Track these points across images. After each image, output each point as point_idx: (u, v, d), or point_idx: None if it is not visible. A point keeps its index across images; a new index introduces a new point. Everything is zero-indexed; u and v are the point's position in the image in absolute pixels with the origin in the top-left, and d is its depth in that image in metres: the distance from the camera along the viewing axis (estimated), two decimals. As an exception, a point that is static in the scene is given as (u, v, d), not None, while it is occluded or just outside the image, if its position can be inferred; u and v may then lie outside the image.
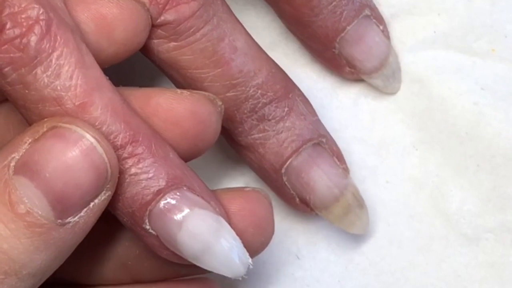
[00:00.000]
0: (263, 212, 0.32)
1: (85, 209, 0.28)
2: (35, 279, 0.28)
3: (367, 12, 0.35)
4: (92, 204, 0.28)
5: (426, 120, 0.37)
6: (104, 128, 0.29)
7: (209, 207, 0.30)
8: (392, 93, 0.37)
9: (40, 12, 0.28)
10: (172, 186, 0.30)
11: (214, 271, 0.30)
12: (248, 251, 0.30)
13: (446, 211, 0.36)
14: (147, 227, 0.30)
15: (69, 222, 0.28)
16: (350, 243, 0.36)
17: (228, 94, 0.33)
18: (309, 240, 0.37)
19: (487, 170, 0.36)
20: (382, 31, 0.36)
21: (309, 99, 0.35)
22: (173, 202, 0.30)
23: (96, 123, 0.29)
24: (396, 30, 0.37)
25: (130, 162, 0.29)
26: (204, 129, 0.32)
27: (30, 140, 0.28)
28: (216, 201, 0.31)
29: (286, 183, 0.34)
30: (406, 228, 0.36)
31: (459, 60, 0.37)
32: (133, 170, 0.29)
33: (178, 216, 0.30)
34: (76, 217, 0.28)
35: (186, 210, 0.30)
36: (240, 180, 0.37)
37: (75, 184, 0.28)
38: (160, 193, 0.30)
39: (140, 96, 0.31)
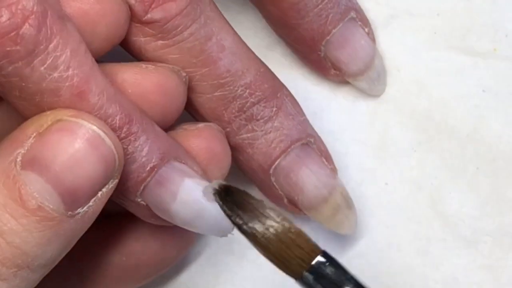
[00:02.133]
0: (220, 147, 0.33)
1: (93, 199, 0.29)
2: (45, 269, 0.29)
3: (352, 15, 0.35)
4: (100, 193, 0.29)
5: (425, 122, 0.36)
6: (102, 112, 0.29)
7: (197, 175, 0.31)
8: (377, 95, 0.37)
9: (34, 4, 0.28)
10: (164, 159, 0.30)
11: (204, 233, 0.31)
12: None
13: (445, 214, 0.36)
14: (138, 199, 0.30)
15: (79, 213, 0.28)
16: (348, 245, 0.36)
17: (216, 94, 0.33)
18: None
19: (486, 173, 0.36)
20: (368, 33, 0.36)
21: (307, 100, 0.35)
22: (165, 175, 0.30)
23: (95, 109, 0.29)
24: (396, 30, 0.37)
25: (127, 142, 0.30)
26: (171, 101, 0.32)
27: (34, 134, 0.28)
28: (198, 165, 0.31)
29: (274, 183, 0.34)
30: (405, 231, 0.36)
31: (460, 61, 0.37)
32: (130, 149, 0.30)
33: (172, 188, 0.30)
34: (85, 207, 0.29)
35: (179, 181, 0.30)
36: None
37: (85, 177, 0.28)
38: (154, 169, 0.30)
39: (107, 73, 0.31)
